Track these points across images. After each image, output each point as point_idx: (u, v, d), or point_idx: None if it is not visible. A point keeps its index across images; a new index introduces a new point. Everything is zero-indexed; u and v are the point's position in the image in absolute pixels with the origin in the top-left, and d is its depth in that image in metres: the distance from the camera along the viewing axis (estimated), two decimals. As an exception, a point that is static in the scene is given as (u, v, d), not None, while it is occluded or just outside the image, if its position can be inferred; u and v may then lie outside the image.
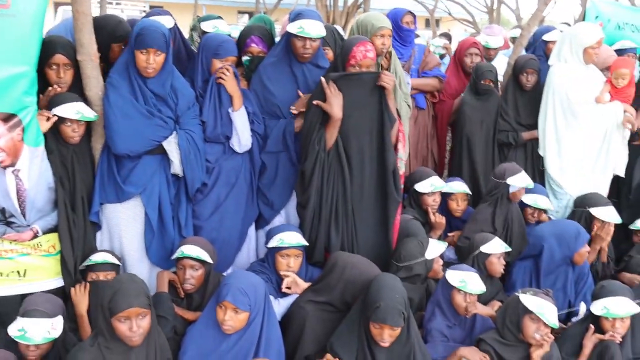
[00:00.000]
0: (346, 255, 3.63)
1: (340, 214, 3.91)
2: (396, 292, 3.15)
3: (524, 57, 5.24)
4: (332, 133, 3.85)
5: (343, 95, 3.81)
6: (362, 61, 3.88)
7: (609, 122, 4.93)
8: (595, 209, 4.55)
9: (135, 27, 3.64)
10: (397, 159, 3.98)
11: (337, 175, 3.90)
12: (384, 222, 3.98)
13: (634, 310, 3.55)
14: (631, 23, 6.27)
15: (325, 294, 3.47)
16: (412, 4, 18.63)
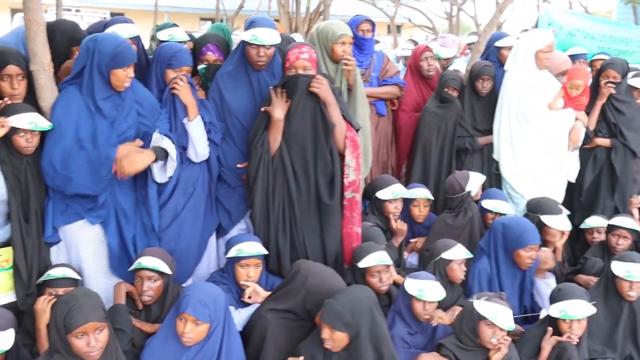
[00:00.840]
0: (309, 263, 3.63)
1: (288, 219, 3.93)
2: (351, 297, 3.16)
3: (479, 63, 5.32)
4: (274, 135, 3.87)
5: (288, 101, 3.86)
6: (296, 62, 3.89)
7: (562, 128, 5.03)
8: (546, 216, 4.61)
9: (102, 47, 3.56)
10: (345, 166, 3.96)
11: (282, 180, 3.92)
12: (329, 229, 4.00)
13: (590, 312, 3.61)
14: (582, 30, 6.45)
15: (286, 302, 3.46)
16: (373, 10, 18.83)
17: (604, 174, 5.40)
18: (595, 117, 5.31)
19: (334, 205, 3.95)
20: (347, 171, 3.96)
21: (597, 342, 3.93)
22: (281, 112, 3.84)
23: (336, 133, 3.93)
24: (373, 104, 5.33)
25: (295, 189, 3.93)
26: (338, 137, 3.94)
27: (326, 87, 3.89)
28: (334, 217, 3.99)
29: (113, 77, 3.57)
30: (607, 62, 5.47)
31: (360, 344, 3.19)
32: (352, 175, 3.97)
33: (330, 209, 3.96)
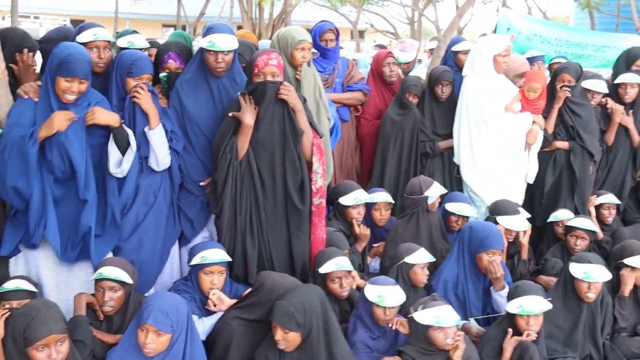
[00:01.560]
0: (273, 275, 3.63)
1: (255, 225, 3.93)
2: (300, 297, 3.17)
3: (438, 69, 5.38)
4: (243, 141, 3.87)
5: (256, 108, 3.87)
6: (264, 68, 3.90)
7: (520, 132, 5.11)
8: (502, 217, 4.67)
9: (57, 52, 3.51)
10: (313, 173, 3.99)
11: (249, 186, 3.92)
12: (296, 235, 4.01)
13: (546, 307, 3.69)
14: (540, 34, 6.57)
15: (253, 314, 3.45)
16: (335, 16, 18.90)
17: (563, 175, 5.49)
18: (553, 120, 5.40)
19: (303, 211, 3.96)
20: (315, 177, 3.98)
21: (557, 343, 4.00)
22: (251, 118, 3.85)
23: (304, 140, 3.95)
24: (337, 110, 5.35)
25: (262, 194, 3.94)
26: (305, 144, 3.96)
27: (294, 94, 3.92)
28: (302, 224, 4.00)
29: (56, 85, 3.51)
30: (561, 67, 5.57)
31: (313, 342, 3.22)
32: (319, 182, 4.00)
33: (299, 215, 3.97)
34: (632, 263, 4.23)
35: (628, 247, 4.36)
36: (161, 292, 3.61)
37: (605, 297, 4.10)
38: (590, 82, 5.60)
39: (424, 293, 4.18)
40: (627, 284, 4.25)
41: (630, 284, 4.26)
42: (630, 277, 4.26)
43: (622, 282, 4.26)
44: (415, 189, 4.72)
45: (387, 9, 19.66)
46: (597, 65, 7.06)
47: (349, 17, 17.89)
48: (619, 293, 4.26)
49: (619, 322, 4.21)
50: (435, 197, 4.68)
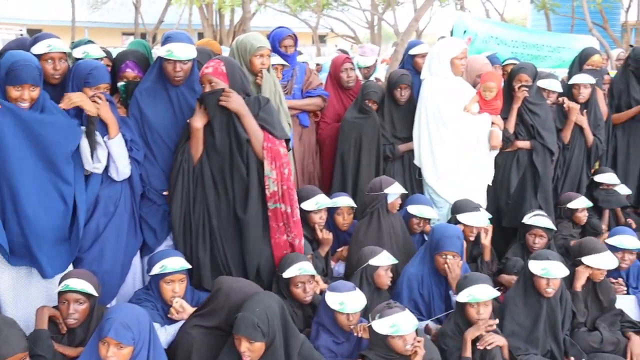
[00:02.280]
0: (229, 280, 3.61)
1: (207, 231, 3.94)
2: (260, 306, 3.17)
3: (396, 72, 5.43)
4: (194, 145, 3.91)
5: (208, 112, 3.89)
6: (201, 78, 3.97)
7: (479, 133, 5.18)
8: (461, 215, 4.72)
9: (3, 61, 3.48)
10: (265, 177, 3.96)
11: (202, 191, 3.94)
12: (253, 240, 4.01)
13: (495, 294, 3.77)
14: (496, 36, 6.68)
15: (212, 320, 3.43)
16: (295, 21, 18.93)
17: (527, 175, 5.58)
18: (513, 120, 5.48)
19: (248, 218, 3.95)
20: (267, 182, 3.95)
21: (519, 340, 4.04)
22: (200, 121, 3.87)
23: (253, 144, 3.93)
24: (296, 116, 5.39)
25: (215, 200, 3.95)
26: (256, 148, 3.94)
27: (235, 99, 3.87)
28: (252, 230, 3.98)
29: (7, 95, 3.48)
30: (518, 67, 5.66)
31: (276, 349, 3.21)
32: (272, 187, 3.96)
33: (246, 222, 3.96)
34: (589, 262, 4.29)
35: (586, 245, 4.41)
36: (122, 304, 3.57)
37: (564, 293, 4.16)
38: (545, 82, 5.71)
39: (388, 295, 4.22)
40: (580, 279, 4.32)
41: (583, 279, 4.33)
42: (584, 273, 4.33)
43: (576, 277, 4.34)
44: (375, 186, 4.76)
45: (347, 13, 19.77)
46: (553, 65, 7.21)
47: (309, 22, 17.93)
48: (572, 288, 4.34)
49: (578, 316, 4.29)
50: (395, 197, 4.71)
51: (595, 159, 6.04)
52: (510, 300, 4.12)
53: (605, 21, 14.01)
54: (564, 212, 5.50)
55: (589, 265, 4.30)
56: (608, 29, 13.99)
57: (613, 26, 15.18)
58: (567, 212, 5.49)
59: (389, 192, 4.68)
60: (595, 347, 4.21)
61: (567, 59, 7.17)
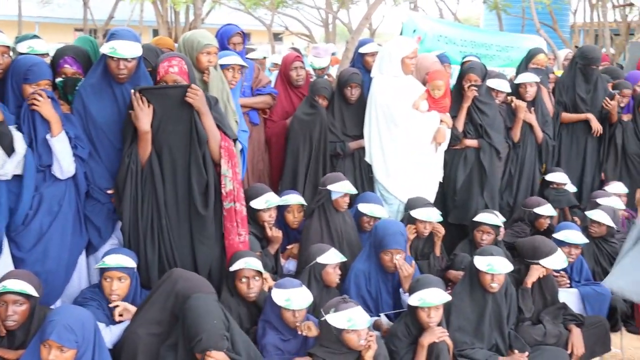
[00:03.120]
0: (181, 270, 3.60)
1: (156, 230, 3.90)
2: (213, 317, 3.13)
3: (347, 71, 5.45)
4: (143, 147, 3.84)
5: (155, 109, 3.82)
6: (165, 77, 3.90)
7: (428, 131, 5.23)
8: (414, 211, 4.78)
9: None
10: (222, 176, 3.96)
11: (151, 190, 3.89)
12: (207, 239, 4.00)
13: (446, 299, 3.81)
14: (445, 36, 6.75)
15: (156, 311, 3.40)
16: (249, 19, 18.85)
17: (474, 173, 5.66)
18: (462, 119, 5.57)
19: (207, 215, 3.93)
20: (224, 181, 3.96)
21: (466, 335, 4.11)
22: (147, 123, 3.80)
23: (211, 143, 3.92)
24: (247, 114, 5.36)
25: (165, 199, 3.91)
26: (213, 147, 3.93)
27: (201, 97, 3.87)
28: (207, 228, 3.97)
29: None
30: (467, 67, 5.75)
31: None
32: (229, 185, 3.97)
33: (203, 219, 3.94)
34: (546, 264, 4.37)
35: (543, 246, 4.45)
36: (66, 305, 3.52)
37: (509, 287, 4.24)
38: (494, 82, 5.80)
39: (337, 293, 4.22)
40: (532, 275, 4.40)
41: (535, 277, 4.41)
42: (539, 271, 4.40)
43: (529, 274, 4.40)
44: (323, 182, 4.79)
45: (301, 11, 19.77)
46: (501, 64, 7.30)
47: (263, 20, 17.86)
48: (522, 285, 4.42)
49: (525, 313, 4.37)
50: (340, 194, 4.72)
51: (546, 154, 6.17)
52: (456, 296, 4.17)
53: (554, 22, 14.29)
54: (528, 215, 5.56)
55: (546, 266, 4.38)
56: (557, 30, 14.28)
57: (562, 27, 15.50)
58: (531, 215, 5.54)
59: (332, 189, 4.71)
60: (538, 340, 4.30)
61: (516, 58, 7.28)
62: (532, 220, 5.54)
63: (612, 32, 14.77)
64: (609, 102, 6.18)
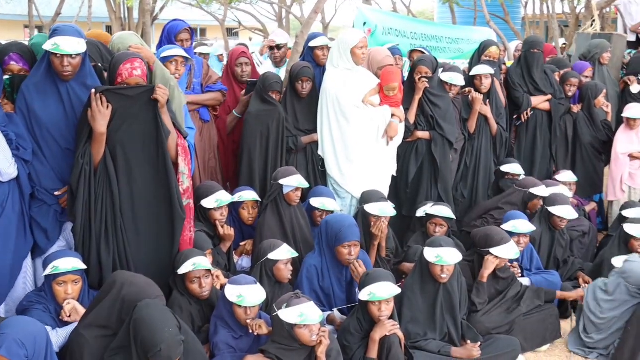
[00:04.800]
0: (125, 274, 3.53)
1: (110, 231, 3.83)
2: (167, 324, 3.08)
3: (298, 65, 5.41)
4: (97, 148, 3.76)
5: (115, 109, 3.74)
6: (129, 79, 3.84)
7: (380, 124, 5.23)
8: (368, 205, 4.78)
9: None
10: (179, 174, 3.97)
11: (106, 191, 3.82)
12: (165, 237, 3.96)
13: (396, 292, 3.81)
14: (395, 28, 6.77)
15: (102, 315, 3.33)
16: (202, 14, 18.67)
17: (425, 165, 5.70)
18: (414, 111, 5.60)
19: (172, 213, 3.90)
20: (182, 179, 3.95)
21: (418, 326, 4.14)
22: (103, 125, 3.71)
23: (169, 141, 3.89)
24: (197, 111, 5.31)
25: (120, 199, 3.84)
26: (171, 145, 3.91)
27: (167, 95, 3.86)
28: (167, 226, 3.94)
29: None
30: (418, 59, 5.79)
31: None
32: (186, 183, 3.99)
33: (164, 217, 3.91)
34: (497, 253, 4.39)
35: (494, 235, 4.48)
36: (18, 318, 3.33)
37: (460, 277, 4.27)
38: (447, 75, 5.84)
39: (290, 288, 4.21)
40: (488, 268, 4.43)
41: (490, 269, 4.43)
42: (493, 263, 4.42)
43: (484, 266, 4.43)
44: (276, 177, 4.77)
45: (255, 6, 19.64)
46: (452, 57, 7.39)
47: (216, 15, 17.69)
48: (477, 279, 4.45)
49: (477, 305, 4.41)
50: (291, 188, 4.71)
51: (501, 146, 6.24)
52: (408, 288, 4.20)
53: (506, 14, 14.44)
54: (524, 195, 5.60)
55: (497, 255, 4.40)
56: (509, 22, 14.43)
57: (514, 19, 15.67)
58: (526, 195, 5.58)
59: (283, 183, 4.69)
60: (489, 328, 4.34)
61: (466, 51, 7.37)
62: (526, 201, 5.58)
63: (562, 24, 15.01)
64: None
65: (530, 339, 4.53)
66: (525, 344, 4.45)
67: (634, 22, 9.99)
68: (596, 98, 6.49)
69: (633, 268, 4.43)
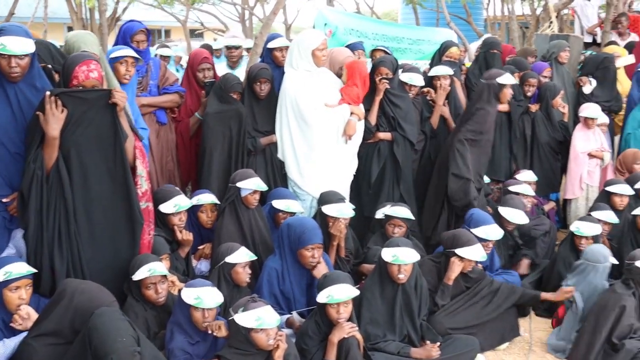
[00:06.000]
0: (75, 282, 3.45)
1: (64, 237, 3.74)
2: (121, 333, 3.02)
3: (256, 66, 5.38)
4: (49, 152, 3.66)
5: (70, 112, 3.65)
6: (85, 82, 3.75)
7: (340, 124, 5.22)
8: (325, 206, 4.75)
9: None
10: (137, 177, 3.92)
11: (58, 196, 3.72)
12: (124, 242, 3.90)
13: (354, 294, 3.79)
14: (356, 29, 6.77)
15: (53, 324, 3.25)
16: (162, 15, 18.47)
17: (388, 165, 5.70)
18: (375, 112, 5.60)
19: (130, 218, 3.85)
20: (140, 181, 3.91)
21: (377, 328, 4.13)
22: (56, 129, 3.61)
23: (127, 144, 3.84)
24: (153, 113, 5.24)
25: (74, 205, 3.75)
26: (128, 148, 3.85)
27: (126, 99, 3.81)
28: (125, 231, 3.89)
29: None
30: (378, 61, 5.80)
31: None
32: (144, 185, 3.95)
33: (122, 222, 3.86)
34: (463, 254, 4.39)
35: (462, 236, 4.49)
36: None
37: (420, 279, 4.27)
38: (406, 76, 5.86)
39: (249, 292, 4.17)
40: (454, 270, 4.42)
41: (457, 271, 4.43)
42: (458, 265, 4.42)
43: (450, 268, 4.42)
44: (234, 179, 4.72)
45: (218, 7, 19.50)
46: (413, 58, 7.42)
47: (178, 16, 17.52)
48: (443, 281, 4.44)
49: (439, 308, 4.42)
50: (249, 191, 4.66)
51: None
52: (367, 289, 4.19)
53: (469, 15, 14.58)
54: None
55: (463, 256, 4.39)
56: (472, 23, 14.57)
57: (476, 20, 15.82)
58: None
59: (241, 186, 4.65)
60: (450, 330, 4.35)
61: (427, 52, 7.41)
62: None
63: (523, 25, 15.21)
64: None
65: (489, 338, 4.54)
66: (484, 342, 4.46)
67: (590, 23, 10.20)
68: (554, 99, 6.57)
69: (590, 249, 4.73)
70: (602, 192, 5.85)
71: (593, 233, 5.02)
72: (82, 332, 3.10)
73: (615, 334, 4.18)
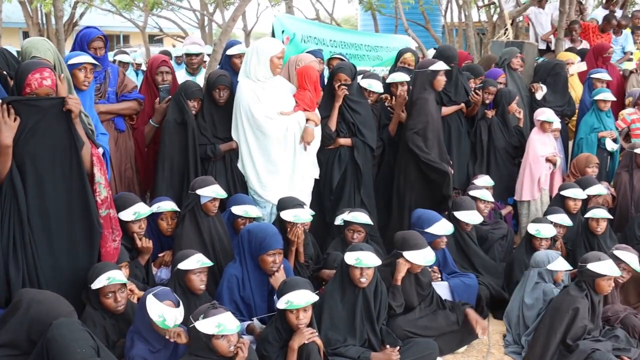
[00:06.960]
0: (32, 292, 3.41)
1: (19, 247, 3.68)
2: (80, 345, 2.99)
3: (215, 73, 5.38)
4: (2, 161, 3.59)
5: (23, 121, 3.59)
6: (39, 89, 3.68)
7: (296, 132, 5.23)
8: (283, 212, 4.76)
9: None
10: (95, 184, 3.87)
11: (13, 206, 3.66)
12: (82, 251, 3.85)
13: (313, 299, 3.80)
14: (314, 36, 6.80)
15: (9, 335, 3.20)
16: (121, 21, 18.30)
17: (349, 171, 5.74)
18: (334, 118, 5.63)
19: (88, 225, 3.81)
20: (99, 189, 3.87)
21: (338, 333, 4.16)
22: (9, 137, 3.55)
23: (83, 151, 3.80)
24: (112, 120, 5.20)
25: (29, 214, 3.69)
26: (85, 155, 3.81)
27: (80, 105, 3.77)
28: (83, 240, 3.84)
29: None
30: (336, 67, 5.81)
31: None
32: (103, 192, 3.90)
33: (80, 231, 3.81)
34: (408, 257, 4.44)
35: (410, 239, 4.52)
36: None
37: (380, 285, 4.31)
38: (366, 82, 5.91)
39: (209, 299, 4.16)
40: (400, 271, 4.47)
41: (403, 272, 4.47)
42: (405, 266, 4.46)
43: (396, 269, 4.47)
44: (193, 187, 4.71)
45: (177, 13, 19.39)
46: (371, 64, 7.48)
47: (136, 21, 17.37)
48: (392, 282, 4.48)
49: (395, 308, 4.46)
50: (209, 199, 4.65)
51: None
52: (328, 294, 4.22)
53: (427, 22, 14.77)
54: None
55: (408, 259, 4.44)
56: (430, 30, 14.77)
57: (435, 27, 16.03)
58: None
59: (200, 193, 4.64)
60: (407, 331, 4.40)
61: (385, 58, 7.47)
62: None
63: (480, 32, 15.45)
64: (475, 95, 6.41)
65: (448, 341, 4.61)
66: (443, 346, 4.52)
67: (544, 31, 10.42)
68: (510, 104, 6.69)
69: (536, 255, 4.85)
70: (557, 196, 5.99)
71: (551, 235, 5.15)
72: (40, 343, 3.07)
73: (570, 335, 4.28)
